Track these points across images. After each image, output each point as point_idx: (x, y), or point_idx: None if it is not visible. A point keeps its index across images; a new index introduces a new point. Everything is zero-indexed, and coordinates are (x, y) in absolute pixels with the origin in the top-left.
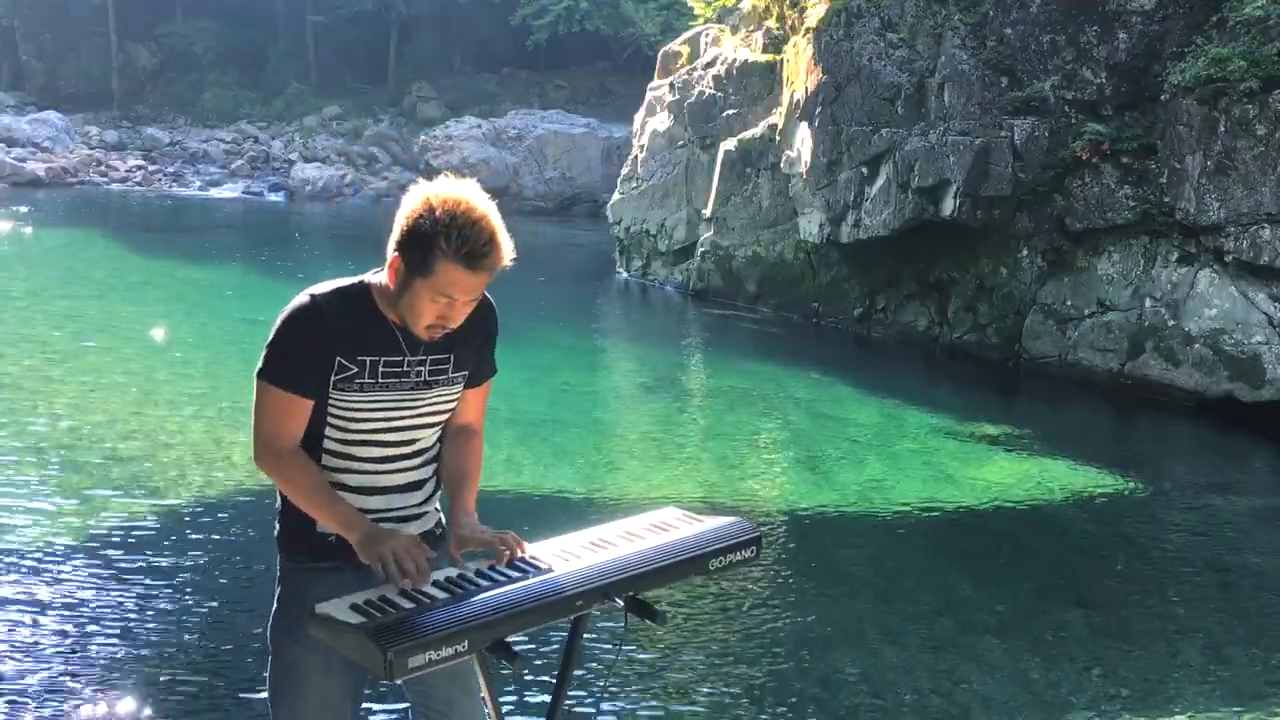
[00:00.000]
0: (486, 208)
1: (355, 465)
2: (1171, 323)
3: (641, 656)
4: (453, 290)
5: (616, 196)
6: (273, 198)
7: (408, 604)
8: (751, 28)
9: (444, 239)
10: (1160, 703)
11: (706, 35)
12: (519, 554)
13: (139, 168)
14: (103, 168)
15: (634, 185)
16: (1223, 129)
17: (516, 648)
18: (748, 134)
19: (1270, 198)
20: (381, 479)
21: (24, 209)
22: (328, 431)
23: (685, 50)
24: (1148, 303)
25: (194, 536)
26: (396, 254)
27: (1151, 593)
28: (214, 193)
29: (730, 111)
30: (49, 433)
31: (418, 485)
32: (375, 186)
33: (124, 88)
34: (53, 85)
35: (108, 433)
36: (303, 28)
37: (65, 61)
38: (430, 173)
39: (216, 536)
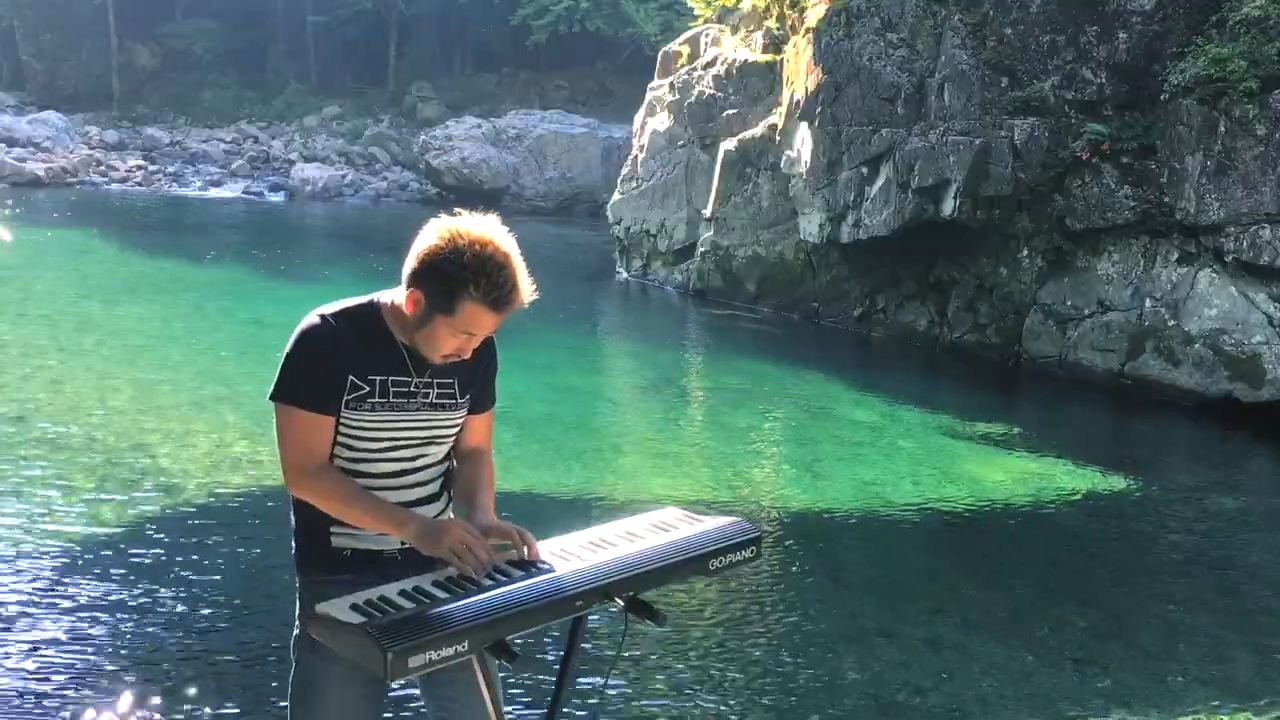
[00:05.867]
0: (510, 248)
1: (363, 481)
2: (1171, 323)
3: (641, 657)
4: (474, 329)
5: (616, 196)
6: (273, 198)
7: (408, 604)
8: (751, 28)
9: (472, 285)
10: (1160, 703)
11: (706, 35)
12: (527, 554)
13: (139, 168)
14: (103, 168)
15: (634, 185)
16: (1223, 129)
17: (516, 648)
18: (748, 134)
19: (1270, 198)
20: (392, 495)
21: (23, 209)
22: (336, 450)
23: (685, 50)
24: (1148, 303)
25: (200, 539)
26: (417, 289)
27: (1151, 593)
28: (214, 193)
29: (730, 111)
30: (51, 434)
31: (429, 500)
32: (375, 186)
33: (124, 88)
34: (53, 85)
35: (110, 434)
36: (303, 28)
37: (65, 61)
38: (431, 173)
39: (223, 538)
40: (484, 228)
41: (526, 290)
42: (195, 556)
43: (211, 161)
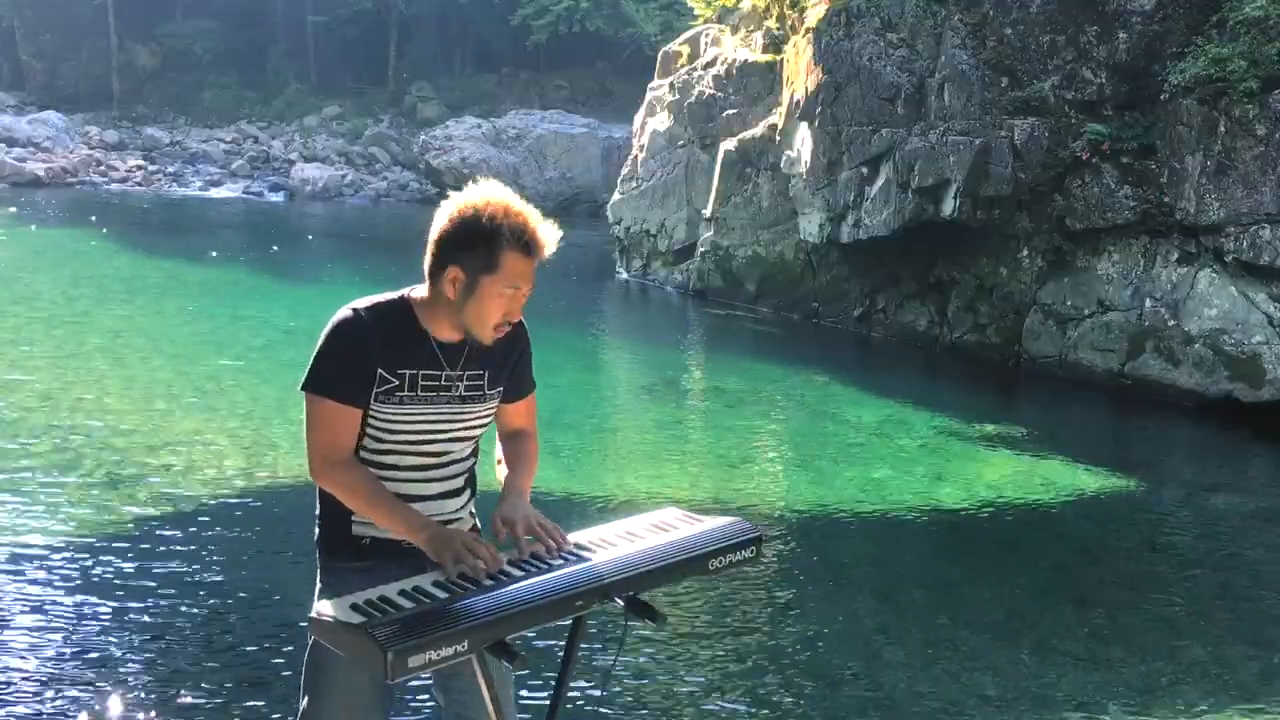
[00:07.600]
0: (517, 200)
1: (388, 474)
2: (1171, 323)
3: (641, 657)
4: (518, 280)
5: (616, 196)
6: (273, 198)
7: (408, 604)
8: (751, 28)
9: (506, 233)
10: (1160, 703)
11: (706, 35)
12: (557, 548)
13: (139, 168)
14: (103, 168)
15: (634, 185)
16: (1223, 129)
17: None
18: (748, 134)
19: (1270, 198)
20: (416, 488)
21: (23, 209)
22: (364, 442)
23: (685, 50)
24: (1148, 303)
25: (204, 536)
26: (455, 264)
27: (1151, 593)
28: (214, 193)
29: (730, 111)
30: (53, 435)
31: (452, 494)
32: (375, 186)
33: (124, 88)
34: (53, 85)
35: (111, 434)
36: (303, 28)
37: (65, 61)
38: (431, 173)
39: (225, 536)
40: (486, 191)
41: (550, 233)
42: (199, 554)
43: (211, 161)
